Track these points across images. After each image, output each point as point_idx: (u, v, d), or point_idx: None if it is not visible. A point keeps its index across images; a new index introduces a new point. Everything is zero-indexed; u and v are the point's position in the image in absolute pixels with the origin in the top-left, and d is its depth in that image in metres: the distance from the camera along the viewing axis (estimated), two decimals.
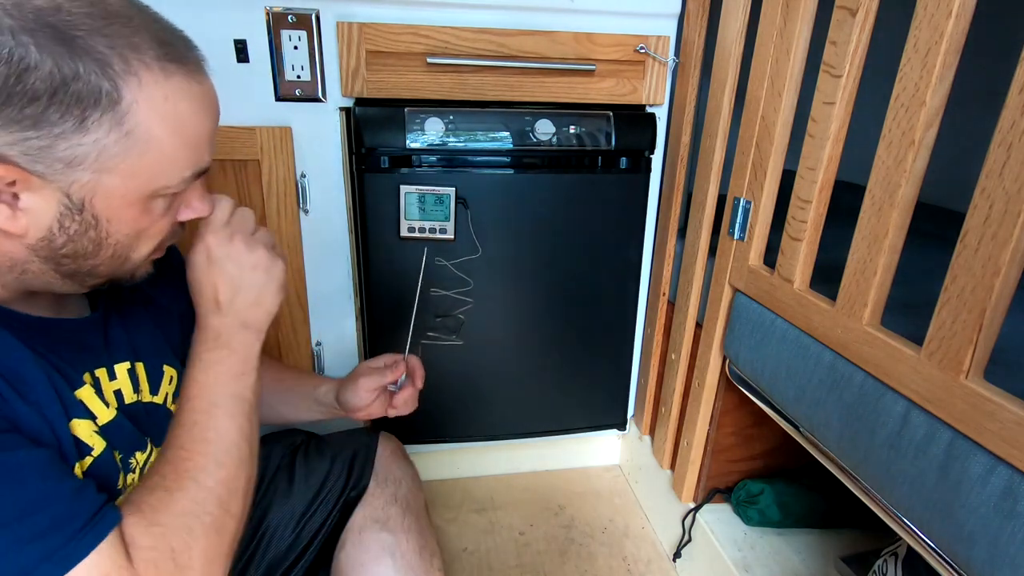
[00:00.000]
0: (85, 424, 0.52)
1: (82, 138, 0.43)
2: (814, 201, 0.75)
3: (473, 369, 1.22)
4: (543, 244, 1.16)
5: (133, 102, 0.44)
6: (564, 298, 1.21)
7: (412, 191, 1.04)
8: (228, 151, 1.01)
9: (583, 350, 1.26)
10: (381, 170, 1.03)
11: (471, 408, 1.26)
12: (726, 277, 0.96)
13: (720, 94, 0.95)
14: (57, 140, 0.42)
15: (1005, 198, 0.50)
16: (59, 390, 0.50)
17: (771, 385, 0.85)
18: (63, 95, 0.41)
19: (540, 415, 1.30)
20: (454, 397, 1.24)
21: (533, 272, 1.17)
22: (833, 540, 1.07)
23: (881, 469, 0.67)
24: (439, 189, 1.05)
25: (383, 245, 1.09)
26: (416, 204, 1.05)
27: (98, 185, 0.45)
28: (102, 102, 0.43)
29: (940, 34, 0.56)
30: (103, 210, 0.47)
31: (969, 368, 0.55)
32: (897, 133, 0.62)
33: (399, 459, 0.87)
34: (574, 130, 1.10)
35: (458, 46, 1.02)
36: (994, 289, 0.52)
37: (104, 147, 0.44)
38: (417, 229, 1.07)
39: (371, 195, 1.05)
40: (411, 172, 1.05)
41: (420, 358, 0.86)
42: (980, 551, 0.55)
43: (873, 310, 0.67)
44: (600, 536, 1.26)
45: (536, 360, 1.24)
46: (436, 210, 1.06)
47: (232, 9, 0.95)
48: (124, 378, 0.59)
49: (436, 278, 1.13)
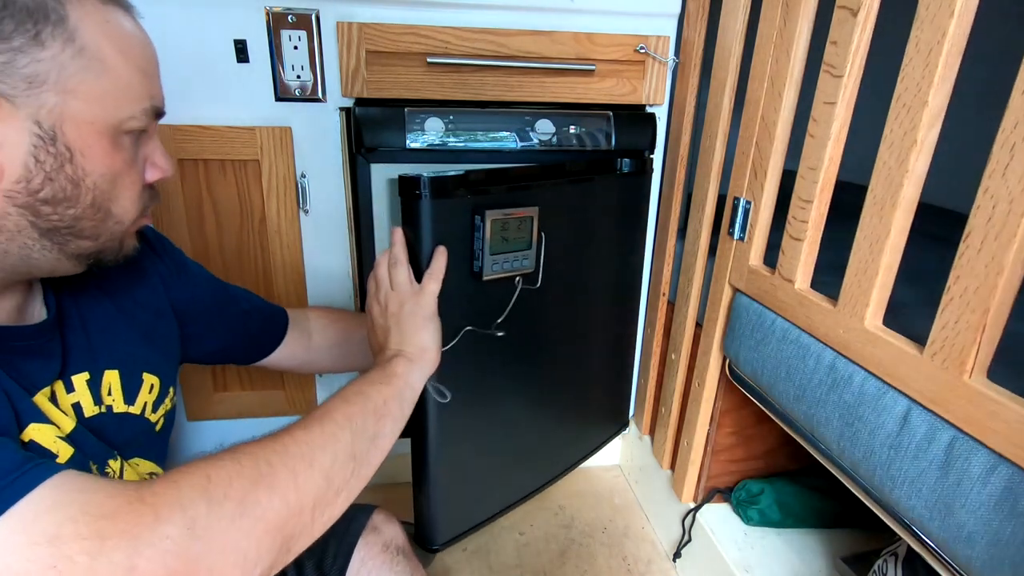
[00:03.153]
0: (46, 429, 0.49)
1: (40, 53, 0.43)
2: (815, 201, 0.75)
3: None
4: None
5: (79, 20, 0.45)
6: (564, 298, 1.20)
7: (498, 216, 0.79)
8: (228, 151, 1.01)
9: (586, 352, 1.25)
10: (450, 195, 0.76)
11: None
12: (726, 277, 0.96)
13: (720, 94, 0.95)
14: (16, 55, 0.42)
15: (1008, 198, 0.50)
16: (12, 396, 0.47)
17: (771, 385, 0.86)
18: (12, 8, 0.42)
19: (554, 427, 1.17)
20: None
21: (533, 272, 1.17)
22: (833, 540, 1.07)
23: (881, 469, 0.67)
24: (522, 211, 0.82)
25: (457, 290, 0.80)
26: (499, 233, 0.80)
27: (65, 109, 0.45)
28: (51, 17, 0.44)
29: (942, 34, 0.56)
30: (75, 140, 0.46)
31: (972, 368, 0.55)
32: (899, 133, 0.62)
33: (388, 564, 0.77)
34: (574, 130, 1.10)
35: (458, 46, 1.02)
36: (997, 289, 0.52)
37: (62, 64, 0.44)
38: (502, 264, 0.82)
39: (438, 226, 0.76)
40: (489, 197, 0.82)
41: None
42: (980, 551, 0.56)
43: (875, 310, 0.68)
44: (600, 536, 1.26)
45: (543, 364, 1.23)
46: (519, 239, 0.83)
47: (232, 9, 0.95)
48: (83, 389, 0.57)
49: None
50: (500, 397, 0.95)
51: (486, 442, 0.95)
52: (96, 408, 0.58)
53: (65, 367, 0.55)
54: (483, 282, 0.81)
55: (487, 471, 0.97)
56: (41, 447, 0.49)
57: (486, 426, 0.94)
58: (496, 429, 0.96)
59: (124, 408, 0.61)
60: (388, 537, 0.78)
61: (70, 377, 0.56)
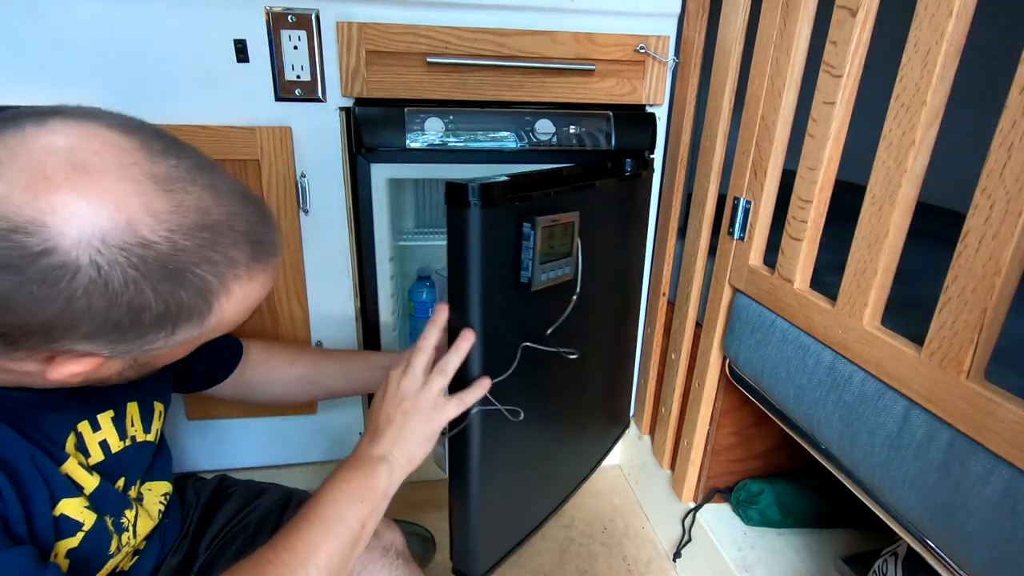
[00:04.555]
0: (75, 502, 0.52)
1: (166, 341, 0.44)
2: (814, 201, 0.75)
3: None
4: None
5: (220, 308, 0.46)
6: (581, 302, 1.19)
7: (547, 223, 0.73)
8: (228, 151, 1.01)
9: (597, 356, 1.24)
10: (498, 202, 0.68)
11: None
12: (726, 277, 0.96)
13: (720, 94, 0.95)
14: (145, 344, 0.43)
15: (1006, 198, 0.50)
16: (45, 473, 0.49)
17: (771, 385, 0.85)
18: (165, 321, 0.43)
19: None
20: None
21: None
22: (833, 540, 1.07)
23: (881, 469, 0.67)
24: (566, 216, 0.77)
25: (499, 302, 0.72)
26: (547, 240, 0.75)
27: (161, 354, 0.47)
28: (194, 317, 0.44)
29: (940, 34, 0.56)
30: (157, 360, 0.49)
31: (970, 368, 0.55)
32: (898, 133, 0.62)
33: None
34: (574, 130, 1.10)
35: (458, 46, 1.02)
36: (995, 289, 0.52)
37: (178, 341, 0.45)
38: (548, 273, 0.76)
39: (487, 236, 0.69)
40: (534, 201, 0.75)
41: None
42: (980, 551, 0.55)
43: (874, 310, 0.68)
44: (600, 536, 1.26)
45: (564, 372, 1.18)
46: (562, 245, 0.79)
47: (232, 9, 0.95)
48: (108, 427, 0.59)
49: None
50: (532, 412, 0.88)
51: (523, 462, 0.90)
52: (121, 443, 0.60)
53: (90, 409, 0.57)
54: (531, 293, 0.75)
55: (522, 493, 0.93)
56: (70, 519, 0.51)
57: (523, 445, 0.89)
58: (531, 447, 0.91)
59: (144, 437, 0.63)
60: (387, 541, 0.78)
61: (96, 416, 0.58)
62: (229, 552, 0.72)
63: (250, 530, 0.75)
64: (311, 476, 1.28)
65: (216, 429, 1.22)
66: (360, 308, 1.18)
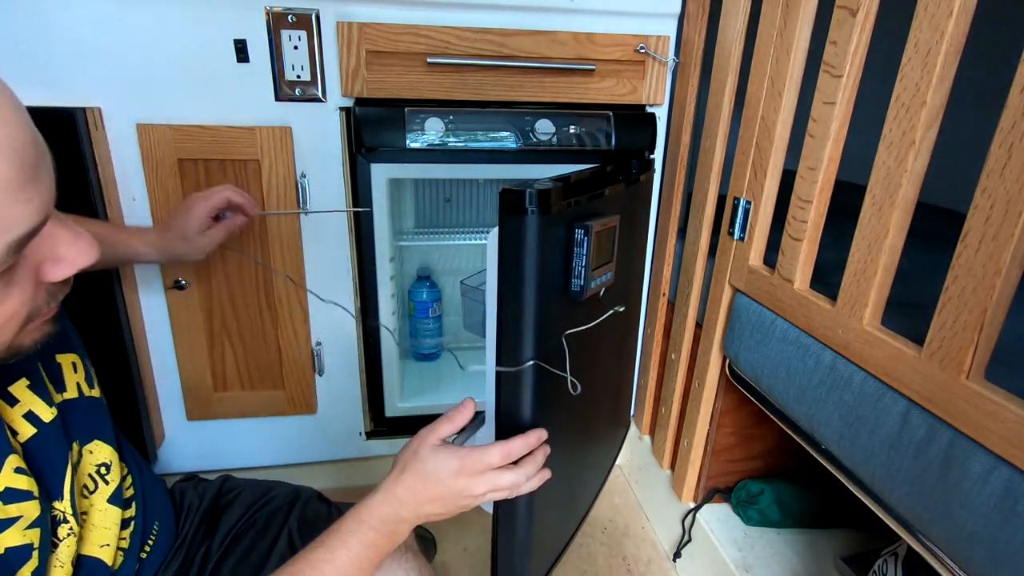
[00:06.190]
0: (12, 532, 0.47)
1: None
2: (814, 201, 0.75)
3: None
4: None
5: None
6: (599, 304, 1.18)
7: (599, 228, 0.69)
8: (228, 151, 1.01)
9: (607, 358, 1.23)
10: (552, 207, 0.63)
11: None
12: (726, 277, 0.96)
13: (720, 94, 0.95)
14: None
15: (1006, 198, 0.50)
16: None
17: (771, 385, 0.85)
18: None
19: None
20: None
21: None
22: (833, 540, 1.07)
23: (881, 469, 0.67)
24: (611, 220, 0.73)
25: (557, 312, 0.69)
26: (597, 246, 0.70)
27: None
28: None
29: (941, 34, 0.56)
30: None
31: (970, 368, 0.55)
32: (898, 133, 0.62)
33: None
34: (574, 130, 1.10)
35: (458, 46, 1.02)
36: (995, 289, 0.52)
37: None
38: (596, 280, 0.72)
39: (542, 244, 0.64)
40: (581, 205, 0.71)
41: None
42: (980, 551, 0.55)
43: (874, 310, 0.68)
44: (600, 536, 1.26)
45: (585, 378, 1.13)
46: (607, 250, 0.74)
47: (232, 9, 0.95)
48: (28, 396, 0.53)
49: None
50: (559, 427, 0.83)
51: (563, 476, 0.86)
52: (56, 403, 0.55)
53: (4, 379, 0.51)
54: (577, 302, 0.71)
55: (559, 515, 0.90)
56: (16, 549, 0.47)
57: (554, 465, 0.86)
58: (560, 467, 0.85)
59: (89, 392, 0.60)
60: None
61: (7, 388, 0.52)
62: (238, 549, 0.72)
63: (259, 527, 0.75)
64: (311, 476, 1.28)
65: (216, 429, 1.22)
66: (360, 308, 1.18)
